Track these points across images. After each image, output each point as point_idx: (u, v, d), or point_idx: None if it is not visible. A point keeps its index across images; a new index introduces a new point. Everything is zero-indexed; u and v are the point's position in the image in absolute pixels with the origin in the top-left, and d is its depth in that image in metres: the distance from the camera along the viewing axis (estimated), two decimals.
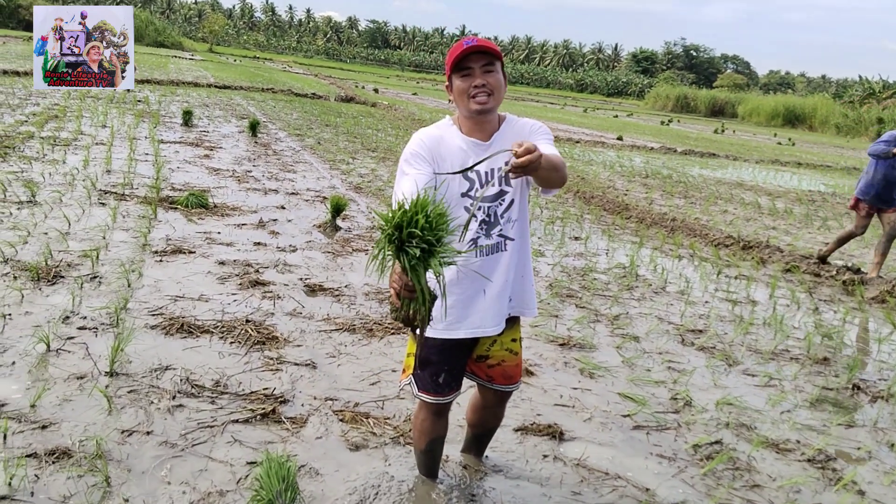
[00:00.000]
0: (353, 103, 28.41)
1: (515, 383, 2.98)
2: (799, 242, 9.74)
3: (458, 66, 2.58)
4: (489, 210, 2.66)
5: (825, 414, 4.40)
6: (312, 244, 6.90)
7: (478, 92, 2.57)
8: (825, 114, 60.20)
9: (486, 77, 2.57)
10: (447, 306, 2.69)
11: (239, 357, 4.24)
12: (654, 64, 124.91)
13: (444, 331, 2.72)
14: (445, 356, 2.80)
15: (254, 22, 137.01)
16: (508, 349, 2.90)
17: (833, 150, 37.44)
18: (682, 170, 18.17)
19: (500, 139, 2.69)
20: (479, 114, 2.61)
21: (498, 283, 2.71)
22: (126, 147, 11.03)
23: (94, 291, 4.97)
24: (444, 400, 2.86)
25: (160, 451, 3.19)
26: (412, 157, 2.62)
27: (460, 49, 2.56)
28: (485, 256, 2.69)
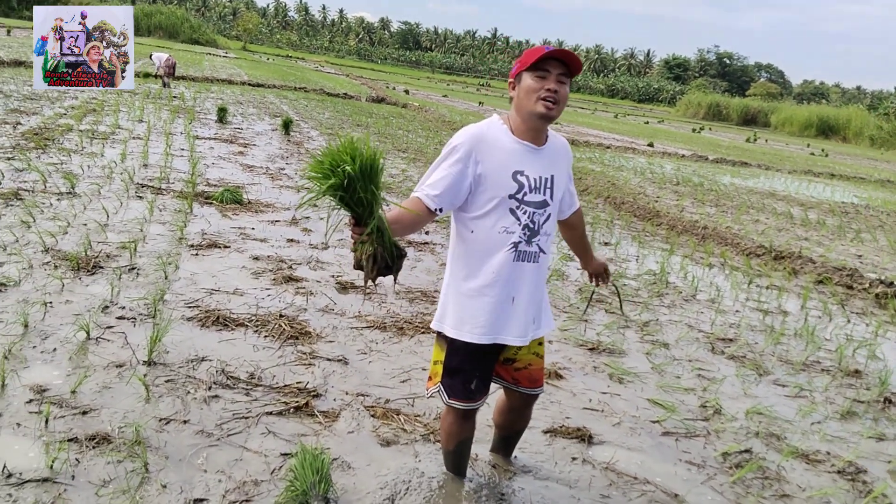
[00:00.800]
0: (383, 104, 28.55)
1: (540, 387, 3.01)
2: (831, 254, 9.64)
3: (536, 65, 2.57)
4: (533, 217, 2.66)
5: (856, 426, 4.37)
6: (344, 242, 6.97)
7: (548, 96, 2.56)
8: (859, 125, 59.44)
9: (559, 86, 2.57)
10: (473, 309, 2.71)
11: (273, 351, 4.30)
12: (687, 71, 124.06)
13: (471, 335, 2.72)
14: (476, 363, 2.82)
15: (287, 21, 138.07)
16: (535, 353, 2.93)
17: (867, 162, 36.95)
18: (714, 178, 18.05)
19: (550, 149, 2.72)
20: (540, 118, 2.59)
21: (526, 292, 2.72)
22: (162, 142, 11.20)
23: (132, 282, 5.07)
24: (475, 405, 2.89)
25: (197, 440, 3.25)
26: (452, 153, 2.62)
27: (543, 50, 2.56)
28: (521, 262, 2.69)
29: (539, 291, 2.79)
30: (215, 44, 76.18)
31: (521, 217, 2.64)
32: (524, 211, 2.64)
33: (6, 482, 2.78)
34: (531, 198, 2.64)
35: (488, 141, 2.63)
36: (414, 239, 7.45)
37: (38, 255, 5.32)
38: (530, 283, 2.72)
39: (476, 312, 2.70)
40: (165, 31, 71.40)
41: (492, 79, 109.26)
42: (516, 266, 2.67)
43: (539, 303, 2.81)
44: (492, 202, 2.62)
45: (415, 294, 5.71)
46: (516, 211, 2.63)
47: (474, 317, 2.70)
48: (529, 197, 2.64)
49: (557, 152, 2.75)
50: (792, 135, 61.42)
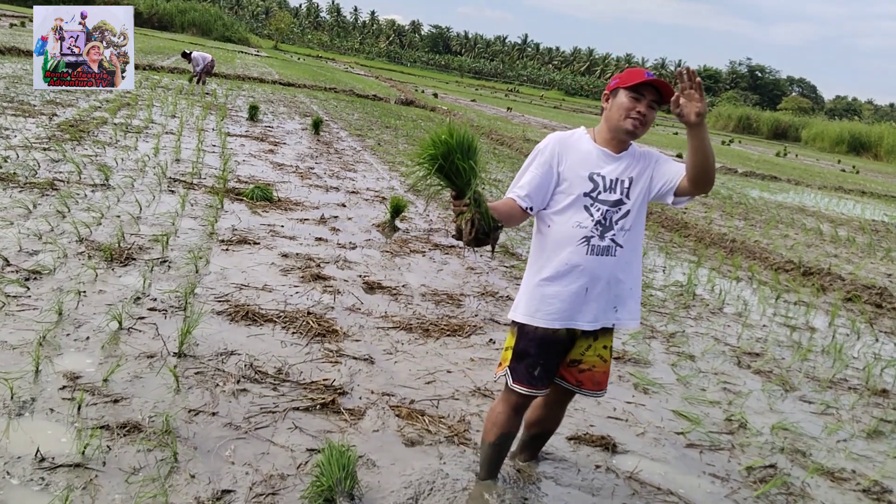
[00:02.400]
0: (412, 107, 28.64)
1: (602, 389, 3.11)
2: (861, 272, 9.53)
3: (634, 87, 2.79)
4: (606, 214, 2.83)
5: (882, 446, 4.32)
6: (371, 243, 7.01)
7: (637, 117, 2.80)
8: (892, 143, 58.62)
9: (649, 111, 2.81)
10: (546, 296, 2.87)
11: (300, 347, 4.35)
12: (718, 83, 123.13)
13: (542, 321, 2.88)
14: (543, 351, 2.94)
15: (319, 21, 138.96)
16: (600, 355, 3.03)
17: None
18: (743, 191, 17.91)
19: (628, 156, 2.91)
20: (626, 133, 2.83)
21: (600, 284, 2.86)
22: (194, 138, 11.33)
23: (163, 275, 5.14)
24: (536, 392, 2.98)
25: (225, 433, 3.30)
26: (537, 155, 2.89)
27: (643, 75, 2.79)
28: (595, 256, 2.84)
29: (618, 283, 2.90)
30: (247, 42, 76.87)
31: (594, 213, 2.84)
32: (597, 208, 2.84)
33: (39, 466, 2.84)
34: (605, 196, 2.84)
35: (570, 144, 2.91)
36: (441, 242, 7.48)
37: (72, 244, 5.41)
38: (607, 276, 2.87)
39: (549, 300, 2.88)
40: (199, 27, 72.17)
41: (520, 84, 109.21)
42: (591, 259, 2.83)
43: (618, 294, 2.92)
44: (568, 199, 2.85)
45: (440, 297, 5.73)
46: (590, 208, 2.84)
47: (547, 304, 2.88)
48: (603, 196, 2.85)
49: (637, 159, 2.92)
50: (822, 150, 60.74)
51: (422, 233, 7.78)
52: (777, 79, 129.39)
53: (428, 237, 7.61)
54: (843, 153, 59.06)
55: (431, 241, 7.44)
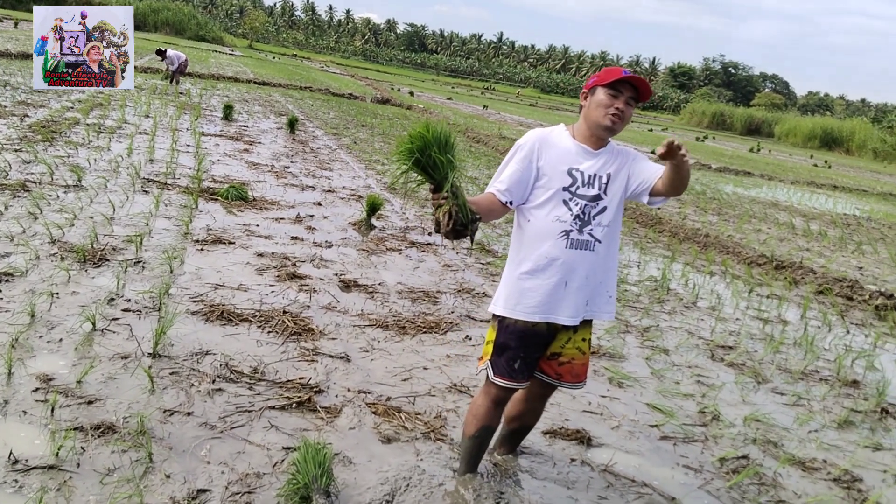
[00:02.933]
0: (388, 105, 28.60)
1: (581, 382, 3.16)
2: (832, 265, 9.67)
3: (612, 85, 2.87)
4: (585, 208, 2.90)
5: (852, 435, 4.40)
6: (347, 241, 7.01)
7: (615, 114, 2.86)
8: (863, 138, 59.37)
9: (627, 107, 2.87)
10: (526, 290, 2.92)
11: (276, 346, 4.34)
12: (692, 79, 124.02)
13: (522, 314, 2.93)
14: (523, 344, 2.99)
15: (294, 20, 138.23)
16: (579, 348, 3.07)
17: (869, 174, 36.98)
18: (716, 186, 18.08)
19: (607, 153, 2.98)
20: (605, 130, 2.90)
21: (578, 278, 2.91)
22: (168, 138, 11.25)
23: (137, 276, 5.11)
24: (516, 385, 3.03)
25: (200, 432, 3.29)
26: (517, 150, 2.96)
27: (620, 73, 2.87)
28: (574, 250, 2.90)
29: (595, 278, 2.96)
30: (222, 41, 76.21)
31: (573, 208, 2.90)
32: (576, 203, 2.91)
33: (13, 468, 2.82)
34: (584, 191, 2.91)
35: (550, 140, 2.98)
36: (417, 240, 7.49)
37: (44, 246, 5.36)
38: (585, 269, 2.92)
39: (529, 293, 2.93)
40: (172, 27, 71.42)
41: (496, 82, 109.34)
42: (569, 252, 2.89)
43: (595, 288, 2.98)
44: (548, 193, 2.91)
45: (417, 294, 5.75)
46: (569, 202, 2.90)
47: (526, 297, 2.93)
48: (582, 190, 2.91)
49: (615, 156, 2.99)
50: (795, 146, 61.39)
51: (398, 231, 7.79)
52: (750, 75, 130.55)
53: (404, 235, 7.61)
54: (815, 148, 59.73)
55: (408, 239, 7.45)
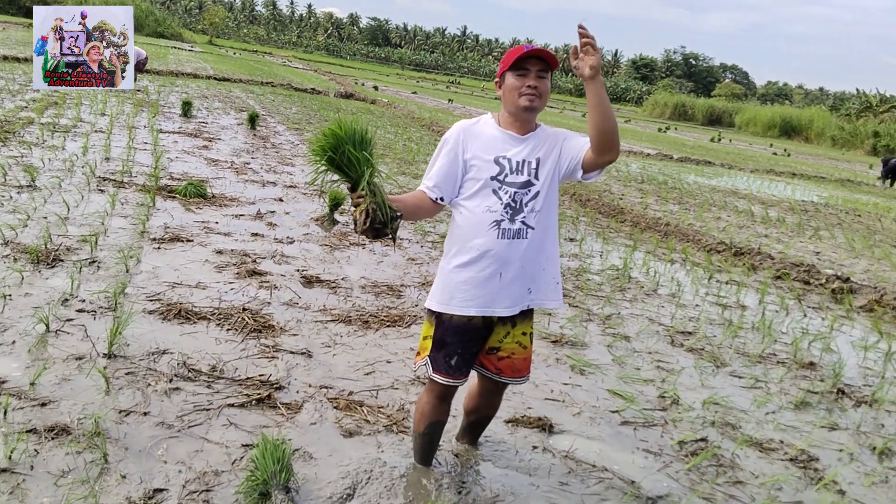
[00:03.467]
0: (352, 100, 28.44)
1: (523, 377, 3.11)
2: (790, 251, 9.84)
3: (516, 65, 2.79)
4: (515, 196, 2.83)
5: (809, 416, 4.48)
6: (310, 237, 6.97)
7: (529, 92, 2.79)
8: (821, 126, 60.50)
9: (539, 81, 2.79)
10: (460, 284, 2.87)
11: (235, 344, 4.30)
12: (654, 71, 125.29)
13: (457, 308, 2.88)
14: (460, 339, 2.94)
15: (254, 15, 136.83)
16: (518, 342, 3.02)
17: (828, 161, 37.67)
18: (678, 176, 18.28)
19: (535, 137, 2.90)
20: (525, 111, 2.81)
21: (514, 268, 2.86)
22: (125, 135, 11.08)
23: (92, 276, 5.02)
24: (455, 382, 2.98)
25: (157, 432, 3.25)
26: (443, 145, 2.91)
27: (521, 50, 2.78)
28: (506, 240, 2.84)
29: (533, 266, 2.91)
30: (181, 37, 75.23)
31: (502, 197, 2.83)
32: (506, 191, 2.84)
33: None
34: (513, 179, 2.84)
35: (475, 131, 2.91)
36: None
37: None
38: (520, 259, 2.87)
39: (463, 287, 2.88)
40: None
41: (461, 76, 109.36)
42: (501, 243, 2.84)
43: (533, 277, 2.92)
44: (477, 184, 2.86)
45: (380, 288, 5.73)
46: (498, 191, 2.83)
47: (461, 291, 2.88)
48: (511, 178, 2.84)
49: (543, 139, 2.91)
50: (755, 135, 62.31)
51: (401, 218, 7.73)
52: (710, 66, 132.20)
53: (404, 225, 7.57)
54: (775, 137, 60.70)
55: None
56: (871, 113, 63.09)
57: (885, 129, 53.19)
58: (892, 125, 55.03)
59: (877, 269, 9.36)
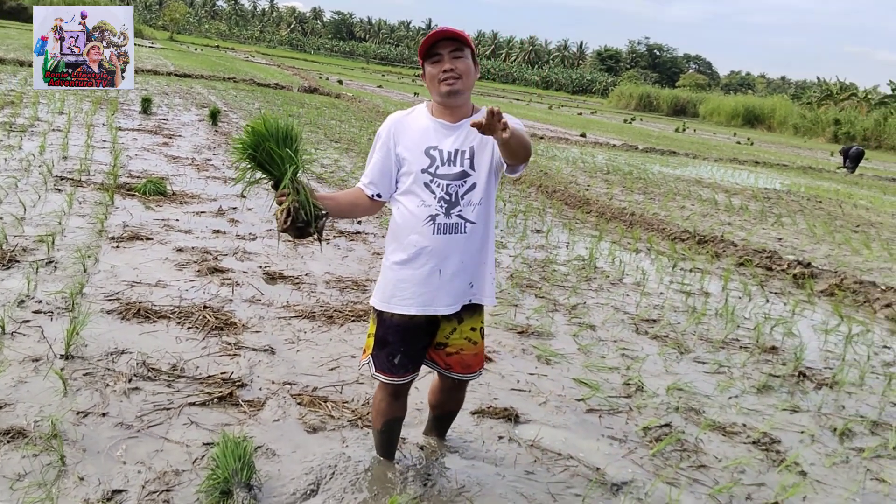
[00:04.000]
0: (316, 94, 28.25)
1: (474, 372, 3.04)
2: (753, 238, 9.96)
3: (428, 53, 2.68)
4: (449, 189, 2.72)
5: (771, 399, 4.54)
6: (273, 233, 6.90)
7: (447, 76, 2.67)
8: (784, 114, 61.36)
9: (455, 62, 2.67)
10: (400, 281, 2.79)
11: (196, 342, 4.24)
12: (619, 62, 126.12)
13: (398, 307, 2.81)
14: (402, 337, 2.86)
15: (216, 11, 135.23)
16: (467, 338, 2.94)
17: (790, 149, 38.22)
18: (643, 167, 18.42)
19: (469, 124, 2.72)
20: (448, 96, 2.69)
21: (452, 263, 2.77)
22: (83, 134, 10.88)
23: (49, 276, 4.92)
24: (398, 381, 2.91)
25: (116, 433, 3.19)
26: (377, 140, 2.84)
27: (429, 37, 2.68)
28: (442, 235, 2.74)
29: (473, 261, 2.82)
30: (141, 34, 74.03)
31: (435, 190, 2.73)
32: (438, 184, 2.73)
33: None
34: (445, 171, 2.73)
35: (406, 123, 2.81)
36: (346, 228, 7.42)
37: None
38: (460, 254, 2.78)
39: (403, 285, 2.79)
40: None
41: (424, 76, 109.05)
42: (439, 238, 2.74)
43: (474, 272, 2.84)
44: (410, 178, 2.75)
45: (345, 283, 5.69)
46: (430, 185, 2.73)
47: (401, 289, 2.80)
48: (443, 170, 2.73)
49: None
50: (719, 124, 63.02)
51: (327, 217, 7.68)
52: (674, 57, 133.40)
53: (333, 224, 7.52)
54: (738, 126, 61.46)
55: (336, 229, 7.37)
56: (832, 101, 64.17)
57: (845, 117, 54.12)
58: (852, 113, 56.04)
59: (837, 254, 9.51)
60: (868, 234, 11.60)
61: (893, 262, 9.36)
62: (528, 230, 8.63)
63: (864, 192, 19.25)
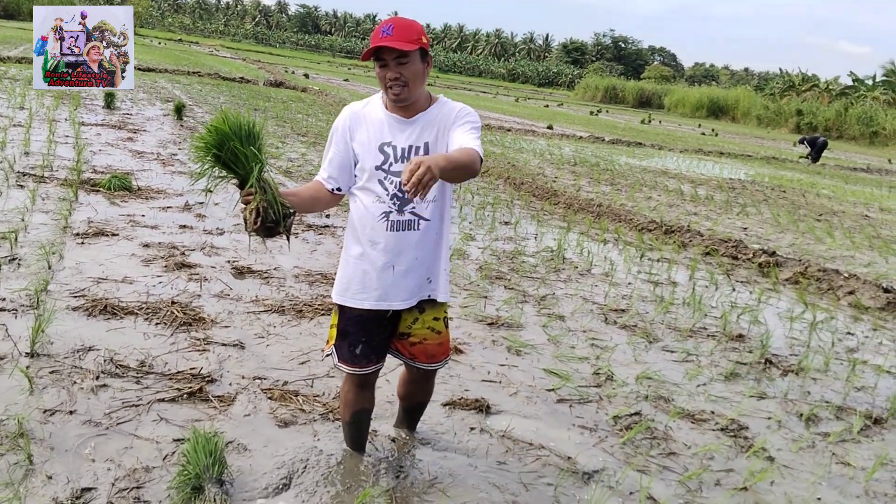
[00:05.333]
0: (282, 88, 28.01)
1: (438, 362, 3.04)
2: (718, 227, 10.09)
3: (375, 55, 2.61)
4: (402, 186, 2.53)
5: (738, 386, 4.61)
6: (241, 227, 6.84)
7: (392, 84, 2.61)
8: (747, 105, 62.07)
9: (400, 69, 2.60)
10: (355, 276, 2.79)
11: (164, 338, 4.20)
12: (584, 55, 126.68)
13: (352, 300, 2.82)
14: (362, 328, 2.87)
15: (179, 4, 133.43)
16: (430, 328, 2.95)
17: (754, 140, 38.74)
18: (610, 158, 18.55)
19: (424, 118, 2.73)
20: (396, 101, 2.67)
21: (406, 260, 2.77)
22: (45, 129, 10.68)
23: (12, 273, 4.83)
24: (361, 371, 2.92)
25: (84, 430, 3.15)
26: (333, 132, 2.80)
27: (375, 41, 2.57)
28: (395, 232, 2.74)
29: (428, 258, 2.82)
30: None
31: (388, 187, 2.72)
32: (391, 181, 2.72)
33: None
34: (398, 167, 2.70)
35: (362, 116, 2.77)
36: (314, 222, 7.38)
37: None
38: (413, 251, 2.77)
39: (357, 279, 2.81)
40: None
41: None
42: (391, 235, 2.74)
43: (429, 269, 2.84)
44: (364, 174, 2.74)
45: (315, 277, 5.67)
46: (384, 181, 2.72)
47: (355, 283, 2.81)
48: (396, 167, 2.71)
49: (432, 121, 2.73)
50: (684, 116, 63.62)
51: (294, 215, 7.63)
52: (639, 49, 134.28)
53: (301, 218, 7.48)
54: (703, 117, 62.06)
55: (305, 222, 7.33)
56: (794, 92, 65.05)
57: (807, 108, 54.91)
58: (814, 104, 56.87)
59: (801, 243, 9.67)
60: (831, 222, 11.81)
61: (856, 250, 9.54)
62: (497, 222, 8.66)
63: (827, 181, 19.58)
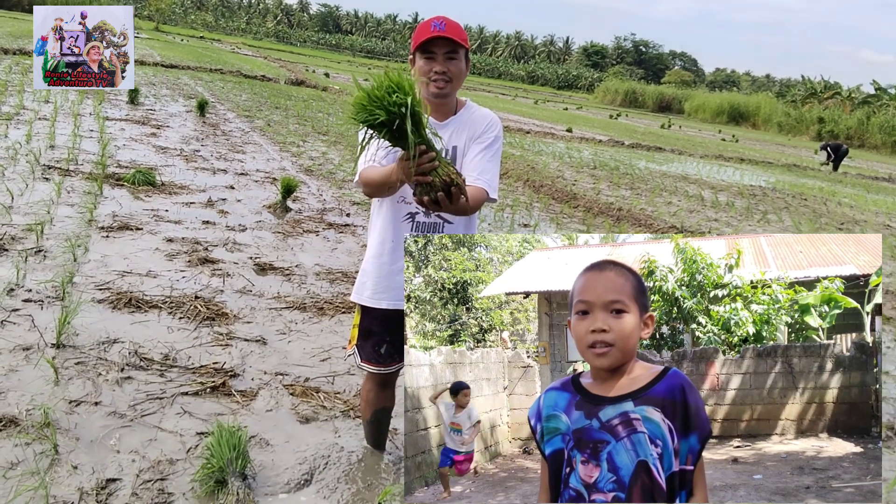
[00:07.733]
0: (303, 87, 28.15)
1: None
2: (739, 234, 10.03)
3: (423, 47, 2.60)
4: None
5: None
6: (262, 224, 6.89)
7: (438, 78, 2.60)
8: (768, 112, 61.70)
9: (448, 64, 2.60)
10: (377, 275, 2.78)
11: (188, 332, 4.24)
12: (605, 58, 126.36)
13: (369, 299, 2.82)
14: (387, 327, 2.88)
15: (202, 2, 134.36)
16: None
17: (775, 147, 38.48)
18: (629, 162, 18.50)
19: (455, 122, 2.74)
20: (435, 97, 2.65)
21: None
22: (70, 123, 10.79)
23: (38, 265, 4.90)
24: (385, 370, 2.94)
25: (109, 421, 3.19)
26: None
27: (427, 33, 2.57)
28: (419, 234, 2.76)
29: None
30: None
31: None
32: None
33: None
34: None
35: None
36: (335, 221, 7.42)
37: None
38: None
39: (380, 279, 2.80)
40: None
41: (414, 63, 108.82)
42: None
43: None
44: None
45: (335, 275, 5.70)
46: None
47: (378, 283, 2.81)
48: None
49: (463, 125, 2.73)
50: (704, 121, 63.30)
51: (315, 213, 7.69)
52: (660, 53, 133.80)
53: (322, 217, 7.52)
54: (723, 123, 61.73)
55: (325, 221, 7.37)
56: (816, 99, 64.64)
57: (829, 116, 54.56)
58: (836, 111, 56.47)
59: None
60: (852, 231, 11.72)
61: None
62: (516, 224, 8.66)
63: (848, 190, 19.43)
